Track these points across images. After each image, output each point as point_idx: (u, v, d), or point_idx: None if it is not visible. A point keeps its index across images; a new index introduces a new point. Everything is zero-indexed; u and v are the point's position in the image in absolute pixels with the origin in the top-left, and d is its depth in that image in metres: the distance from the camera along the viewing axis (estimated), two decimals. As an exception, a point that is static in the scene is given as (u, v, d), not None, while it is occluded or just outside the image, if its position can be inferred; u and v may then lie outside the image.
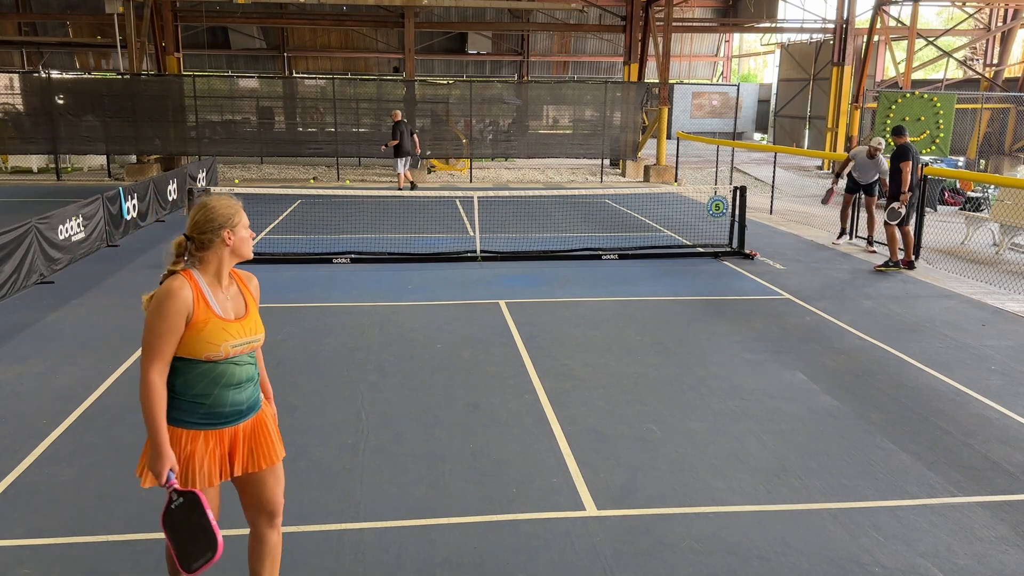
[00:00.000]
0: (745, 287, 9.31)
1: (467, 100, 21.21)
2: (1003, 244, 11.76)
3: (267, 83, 23.39)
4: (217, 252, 2.83)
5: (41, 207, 11.56)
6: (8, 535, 3.88)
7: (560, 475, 4.60)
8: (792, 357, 6.75)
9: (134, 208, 12.25)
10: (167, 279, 2.79)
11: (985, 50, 25.97)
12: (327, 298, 8.47)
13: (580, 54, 35.63)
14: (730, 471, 4.68)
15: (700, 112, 35.47)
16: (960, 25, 27.18)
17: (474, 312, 8.04)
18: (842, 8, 22.32)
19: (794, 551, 3.87)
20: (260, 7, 26.36)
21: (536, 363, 6.51)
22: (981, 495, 4.44)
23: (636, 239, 12.09)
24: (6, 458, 4.69)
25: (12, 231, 8.27)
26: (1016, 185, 11.10)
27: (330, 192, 14.09)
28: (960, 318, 8.09)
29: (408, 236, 11.95)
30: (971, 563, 3.79)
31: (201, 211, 2.83)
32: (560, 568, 3.70)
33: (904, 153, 10.07)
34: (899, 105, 17.90)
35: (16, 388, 5.81)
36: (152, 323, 2.71)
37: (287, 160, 22.77)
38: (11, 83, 20.59)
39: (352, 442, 4.98)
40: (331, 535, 3.94)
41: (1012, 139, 23.69)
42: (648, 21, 22.46)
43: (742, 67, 43.87)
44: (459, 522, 4.07)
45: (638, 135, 22.19)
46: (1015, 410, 5.68)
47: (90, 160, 21.90)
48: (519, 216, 14.01)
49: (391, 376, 6.16)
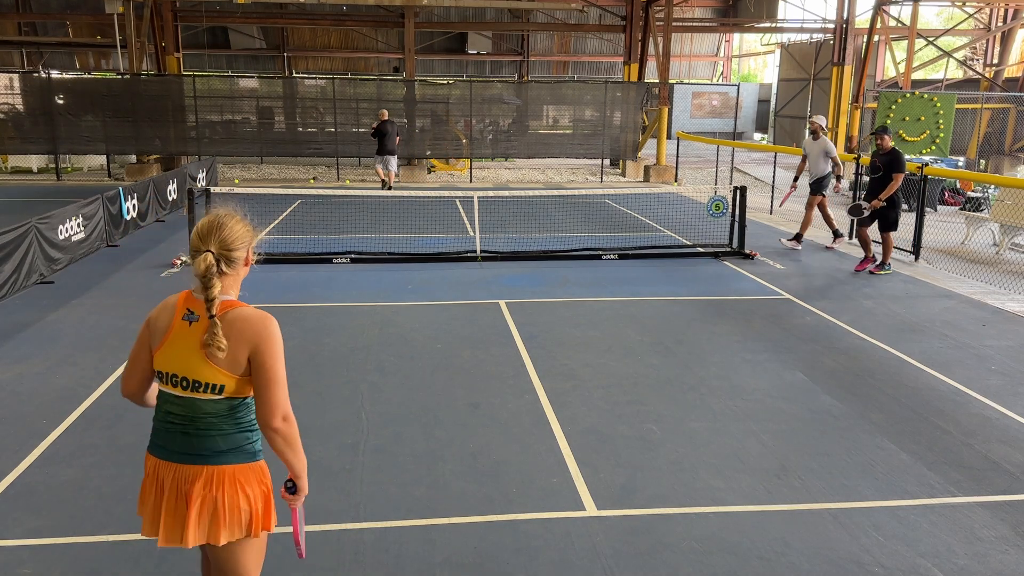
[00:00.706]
0: (745, 287, 9.31)
1: (467, 100, 21.21)
2: (1003, 244, 11.76)
3: (267, 83, 23.39)
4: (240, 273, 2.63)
5: (41, 207, 11.56)
6: (8, 535, 3.88)
7: (560, 475, 4.59)
8: (792, 357, 6.75)
9: (134, 208, 12.25)
10: (240, 308, 2.53)
11: (985, 50, 25.97)
12: (327, 298, 8.46)
13: (580, 54, 35.63)
14: (730, 471, 4.68)
15: (700, 112, 35.47)
16: (960, 25, 27.19)
17: (474, 312, 8.04)
18: (842, 8, 22.31)
19: (794, 551, 3.87)
20: (260, 7, 26.35)
21: (536, 363, 6.51)
22: (981, 495, 4.44)
23: (636, 239, 12.09)
24: (6, 458, 4.68)
25: (12, 231, 8.26)
26: (1016, 185, 11.11)
27: (330, 192, 14.09)
28: (960, 318, 8.09)
29: (408, 236, 11.95)
30: (971, 563, 3.79)
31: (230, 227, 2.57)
32: (560, 568, 3.70)
33: (899, 163, 9.67)
34: (899, 105, 17.89)
35: (16, 388, 5.81)
36: (279, 354, 2.52)
37: (287, 160, 22.77)
38: (11, 83, 20.58)
39: (352, 442, 4.98)
40: (331, 535, 3.94)
41: (1012, 139, 23.69)
42: (648, 21, 22.46)
43: (742, 67, 43.87)
44: (459, 522, 4.07)
45: (638, 135, 22.19)
46: (1015, 410, 5.68)
47: (90, 160, 21.90)
48: (519, 216, 14.01)
49: (391, 376, 6.16)
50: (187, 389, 2.50)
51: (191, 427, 2.52)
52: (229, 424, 2.55)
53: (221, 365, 2.47)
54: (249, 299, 2.55)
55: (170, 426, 2.54)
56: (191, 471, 2.52)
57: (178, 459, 2.53)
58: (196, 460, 2.52)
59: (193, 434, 2.52)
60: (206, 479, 2.52)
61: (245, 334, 2.48)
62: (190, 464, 2.52)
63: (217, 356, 2.46)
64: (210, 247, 2.51)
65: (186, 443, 2.53)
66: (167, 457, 2.54)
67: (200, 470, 2.52)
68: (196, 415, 2.52)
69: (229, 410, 2.54)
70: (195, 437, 2.52)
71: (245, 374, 2.51)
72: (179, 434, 2.53)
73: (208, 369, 2.47)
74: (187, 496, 2.51)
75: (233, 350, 2.47)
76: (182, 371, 2.49)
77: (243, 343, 2.48)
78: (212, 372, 2.47)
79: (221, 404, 2.52)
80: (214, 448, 2.52)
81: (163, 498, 2.53)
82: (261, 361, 2.49)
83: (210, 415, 2.52)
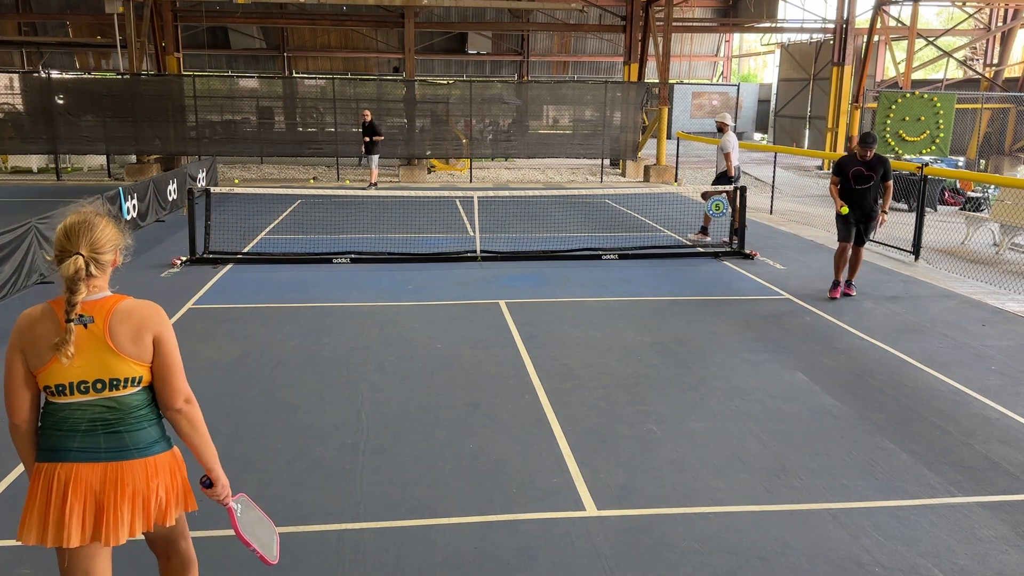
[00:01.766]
0: (745, 287, 9.31)
1: (467, 100, 21.21)
2: (1003, 244, 11.76)
3: (267, 83, 23.40)
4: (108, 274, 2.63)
5: (41, 207, 11.56)
6: (8, 535, 3.88)
7: (560, 475, 4.59)
8: (792, 357, 6.75)
9: (134, 208, 12.25)
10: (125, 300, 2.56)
11: (985, 50, 25.97)
12: (327, 298, 8.46)
13: (580, 54, 35.64)
14: (730, 471, 4.68)
15: (700, 112, 35.47)
16: (960, 25, 27.18)
17: (474, 312, 8.04)
18: (842, 8, 22.33)
19: (794, 551, 3.87)
20: (260, 7, 26.36)
21: (536, 363, 6.51)
22: (981, 495, 4.44)
23: (636, 239, 12.09)
24: (6, 458, 4.68)
25: (12, 231, 8.27)
26: (1016, 185, 11.10)
27: (330, 192, 14.09)
28: (960, 318, 8.08)
29: (408, 236, 11.95)
30: (971, 563, 3.79)
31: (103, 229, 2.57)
32: (560, 568, 3.70)
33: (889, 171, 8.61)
34: (899, 105, 17.89)
35: (16, 388, 5.80)
36: (174, 338, 2.60)
37: (287, 160, 22.77)
38: (11, 83, 20.59)
39: (352, 442, 4.98)
40: (331, 535, 3.94)
41: (1012, 139, 23.69)
42: (648, 21, 22.46)
43: (742, 67, 43.87)
44: (459, 522, 4.07)
45: (638, 135, 22.20)
46: (1015, 410, 5.68)
47: (90, 160, 21.90)
48: (519, 216, 14.01)
49: (391, 376, 6.16)
50: (103, 390, 2.49)
51: (120, 424, 2.53)
52: (154, 412, 2.60)
53: (134, 357, 2.49)
54: (250, 299, 2.55)
55: (91, 428, 2.51)
56: (126, 467, 2.52)
57: (107, 458, 2.52)
58: (131, 455, 2.53)
59: (124, 431, 2.53)
60: (148, 470, 2.55)
61: (147, 322, 2.52)
62: (124, 460, 2.52)
63: (128, 349, 2.48)
64: (80, 249, 2.48)
65: (116, 440, 2.52)
66: (92, 459, 2.51)
67: (139, 463, 2.54)
68: (123, 412, 2.53)
69: (150, 399, 2.59)
70: (126, 433, 2.53)
71: (152, 361, 2.54)
72: (104, 434, 2.52)
73: (124, 365, 2.48)
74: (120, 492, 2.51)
75: (141, 339, 2.50)
76: (95, 375, 2.47)
77: (146, 331, 2.51)
78: (129, 367, 2.49)
79: (141, 395, 2.56)
80: (148, 439, 2.57)
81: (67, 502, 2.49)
82: (163, 347, 2.53)
83: (137, 408, 2.55)
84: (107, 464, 2.51)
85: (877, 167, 8.52)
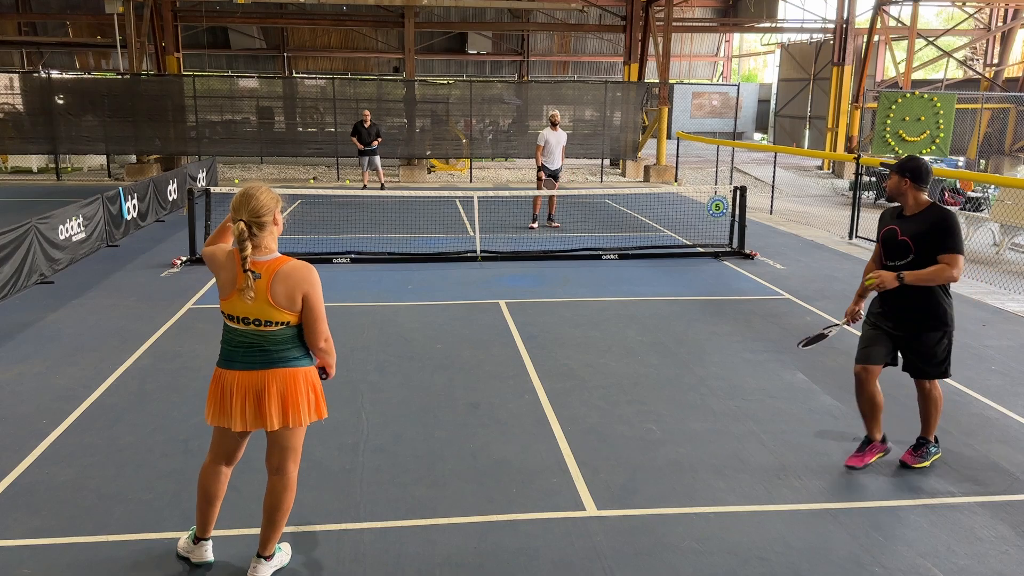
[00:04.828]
0: (745, 287, 9.31)
1: (467, 100, 21.21)
2: (1003, 244, 11.76)
3: (267, 83, 23.40)
4: (274, 232, 3.33)
5: (41, 207, 11.56)
6: (8, 535, 3.88)
7: (560, 475, 4.59)
8: (792, 357, 6.75)
9: (134, 208, 12.25)
10: (286, 263, 3.25)
11: (985, 50, 25.97)
12: (327, 298, 8.42)
13: (580, 54, 35.63)
14: (730, 471, 4.68)
15: (700, 112, 35.47)
16: (960, 25, 27.19)
17: (474, 312, 8.04)
18: (842, 8, 22.32)
19: (794, 551, 3.87)
20: (260, 7, 26.36)
21: (536, 363, 6.51)
22: (981, 495, 4.44)
23: (636, 239, 12.09)
24: (6, 458, 4.68)
25: (12, 231, 8.26)
26: (1016, 185, 11.10)
27: (330, 192, 14.08)
28: (960, 318, 8.03)
29: (408, 236, 11.95)
30: (971, 563, 3.79)
31: (256, 198, 3.24)
32: (560, 568, 3.70)
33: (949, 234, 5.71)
34: (899, 105, 17.89)
35: (16, 388, 5.81)
36: (321, 295, 3.33)
37: (287, 160, 22.77)
38: (11, 83, 20.58)
39: (352, 442, 4.98)
40: (331, 535, 3.94)
41: (1012, 139, 23.69)
42: (648, 21, 22.47)
43: (742, 67, 43.86)
44: (459, 522, 4.07)
45: (638, 135, 22.20)
46: (1015, 410, 5.69)
47: (90, 160, 21.89)
48: (519, 216, 14.01)
49: (391, 376, 6.16)
50: (260, 326, 3.27)
51: (269, 346, 3.30)
52: (295, 339, 3.35)
53: (286, 308, 3.26)
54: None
55: (249, 348, 3.30)
56: (271, 373, 3.30)
57: (261, 367, 3.30)
58: (277, 365, 3.31)
59: (272, 350, 3.31)
60: (288, 376, 3.32)
61: (300, 284, 3.25)
62: (270, 368, 3.30)
63: (282, 303, 3.23)
64: (242, 216, 3.20)
65: (265, 356, 3.30)
66: (250, 368, 3.30)
67: (281, 371, 3.31)
68: (273, 340, 3.30)
69: (293, 335, 3.35)
70: (274, 351, 3.31)
71: (300, 310, 3.29)
72: (259, 351, 3.30)
73: (278, 313, 3.26)
74: (269, 389, 3.29)
75: (294, 297, 3.25)
76: (255, 315, 3.25)
77: (298, 291, 3.25)
78: (281, 314, 3.26)
79: (288, 331, 3.32)
80: (290, 356, 3.33)
81: (233, 398, 3.30)
82: (310, 302, 3.29)
83: (283, 338, 3.32)
84: (260, 372, 3.30)
85: (925, 227, 4.54)
